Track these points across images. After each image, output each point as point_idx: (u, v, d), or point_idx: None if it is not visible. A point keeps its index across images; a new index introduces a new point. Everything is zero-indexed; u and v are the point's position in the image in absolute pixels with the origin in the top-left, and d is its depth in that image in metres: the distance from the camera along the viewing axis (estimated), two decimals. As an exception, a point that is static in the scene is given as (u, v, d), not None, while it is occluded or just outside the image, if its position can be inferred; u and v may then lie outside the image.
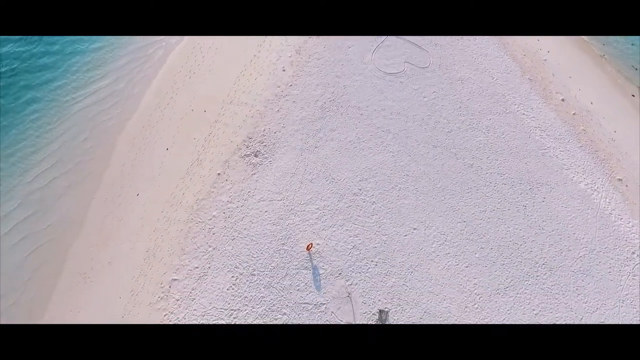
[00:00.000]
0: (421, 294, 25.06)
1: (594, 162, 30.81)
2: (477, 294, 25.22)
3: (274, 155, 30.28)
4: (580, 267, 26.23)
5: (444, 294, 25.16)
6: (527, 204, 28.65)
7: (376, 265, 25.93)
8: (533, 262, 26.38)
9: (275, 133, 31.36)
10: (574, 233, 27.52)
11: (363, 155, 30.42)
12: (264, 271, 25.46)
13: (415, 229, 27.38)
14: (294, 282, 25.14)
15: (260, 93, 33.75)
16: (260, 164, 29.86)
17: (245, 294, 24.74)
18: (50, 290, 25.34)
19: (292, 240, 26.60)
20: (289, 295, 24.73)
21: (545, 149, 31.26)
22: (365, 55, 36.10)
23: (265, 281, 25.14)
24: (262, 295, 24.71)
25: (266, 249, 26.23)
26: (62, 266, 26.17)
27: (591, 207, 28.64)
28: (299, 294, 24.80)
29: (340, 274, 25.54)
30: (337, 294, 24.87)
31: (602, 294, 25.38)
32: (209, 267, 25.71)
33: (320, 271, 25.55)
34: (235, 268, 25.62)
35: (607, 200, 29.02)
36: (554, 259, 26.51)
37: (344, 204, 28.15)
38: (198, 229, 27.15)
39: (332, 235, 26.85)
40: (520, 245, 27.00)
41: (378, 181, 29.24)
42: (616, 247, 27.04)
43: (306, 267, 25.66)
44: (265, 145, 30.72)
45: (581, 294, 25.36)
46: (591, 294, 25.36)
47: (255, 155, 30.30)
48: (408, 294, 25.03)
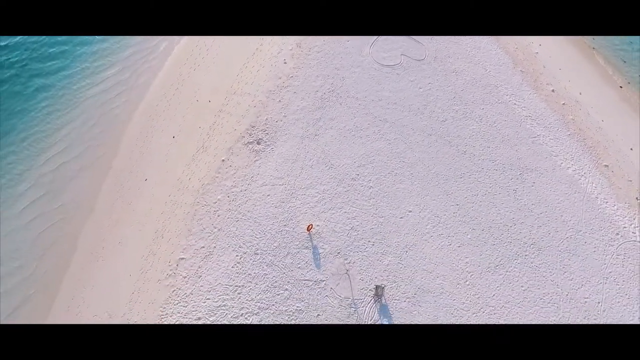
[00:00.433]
0: (415, 272, 26.45)
1: (581, 149, 32.21)
2: (469, 272, 26.61)
3: (275, 142, 31.66)
4: (566, 247, 27.63)
5: (437, 271, 26.55)
6: (517, 188, 30.05)
7: (373, 245, 27.32)
8: (522, 243, 27.77)
9: (276, 122, 32.75)
10: (562, 215, 28.91)
11: (361, 143, 31.80)
12: (266, 250, 26.84)
13: (410, 211, 28.77)
14: (295, 261, 26.53)
15: (262, 84, 35.14)
16: (263, 151, 31.25)
17: (249, 271, 26.13)
18: (65, 267, 26.73)
19: (294, 221, 27.99)
20: (290, 272, 26.12)
21: (535, 137, 32.66)
22: (363, 49, 37.48)
23: (267, 260, 26.53)
24: (265, 272, 26.09)
25: (269, 229, 27.62)
26: (75, 245, 27.57)
27: (578, 192, 30.04)
28: (299, 271, 26.19)
29: (339, 253, 26.93)
30: (336, 271, 26.28)
31: (587, 271, 26.77)
32: (215, 247, 27.09)
33: (320, 250, 26.93)
34: (240, 247, 27.01)
35: (594, 184, 30.41)
36: (542, 239, 27.90)
37: (342, 188, 29.54)
38: (204, 212, 28.53)
39: (332, 217, 28.24)
40: (510, 226, 28.39)
41: (375, 167, 30.62)
42: (601, 229, 28.43)
43: (307, 247, 27.04)
44: (267, 133, 32.11)
45: (567, 272, 26.75)
46: (577, 272, 26.75)
47: (258, 143, 31.67)
48: (403, 271, 26.42)
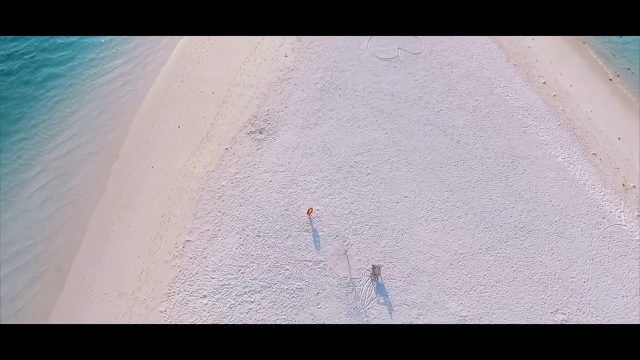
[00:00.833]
0: (411, 253, 27.75)
1: (571, 139, 33.49)
2: (461, 253, 27.90)
3: (277, 132, 32.96)
4: (555, 230, 28.92)
5: (432, 253, 27.85)
6: (509, 175, 31.34)
7: (370, 228, 28.62)
8: (512, 226, 29.06)
9: (278, 112, 34.04)
10: (551, 200, 30.20)
11: (359, 132, 33.10)
12: (268, 233, 28.16)
13: (406, 197, 30.07)
14: (296, 243, 27.83)
15: (264, 77, 36.45)
16: (265, 140, 32.55)
17: (252, 252, 27.44)
18: (75, 247, 28.11)
19: (294, 206, 29.30)
20: (291, 253, 27.43)
21: (526, 127, 33.95)
22: (361, 43, 38.76)
23: (270, 242, 27.84)
24: (267, 253, 27.40)
25: (270, 213, 28.93)
26: (85, 227, 28.93)
27: (567, 178, 31.33)
28: (300, 252, 27.49)
29: (337, 235, 28.23)
30: (335, 252, 27.58)
31: (574, 253, 28.06)
32: (219, 230, 28.40)
33: (320, 233, 28.24)
34: (243, 230, 28.32)
35: (582, 172, 31.70)
36: (532, 222, 29.20)
37: (341, 175, 30.84)
38: (208, 197, 29.84)
39: (331, 202, 29.54)
40: (502, 211, 29.68)
41: (372, 155, 31.91)
42: (588, 213, 29.72)
43: (307, 230, 28.34)
44: (269, 123, 33.40)
45: (555, 253, 28.04)
46: (564, 253, 28.04)
47: (260, 132, 32.98)
48: (399, 252, 27.73)
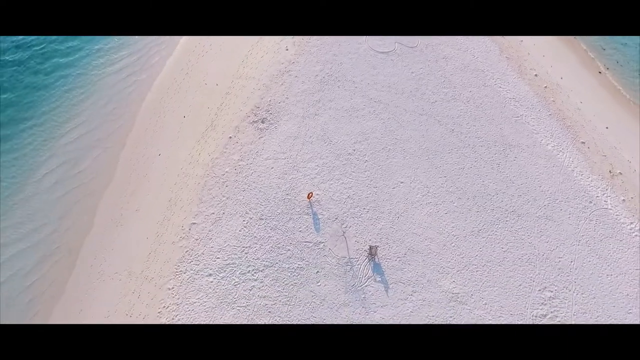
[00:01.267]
0: (406, 235, 29.13)
1: (560, 128, 34.90)
2: (454, 235, 29.29)
3: (278, 121, 34.34)
4: (544, 214, 30.31)
5: (426, 235, 29.23)
6: (500, 162, 32.73)
7: (367, 211, 30.00)
8: (503, 210, 30.46)
9: (279, 103, 35.43)
10: (540, 186, 31.59)
11: (357, 122, 34.49)
12: (270, 216, 29.53)
13: (402, 182, 31.46)
14: (297, 225, 29.21)
15: (266, 69, 37.84)
16: (267, 129, 33.94)
17: (255, 234, 28.82)
18: (86, 230, 29.48)
19: (295, 191, 30.68)
20: (292, 235, 28.81)
21: (518, 117, 35.36)
22: (359, 37, 40.13)
23: (272, 224, 29.22)
24: (270, 235, 28.78)
25: (272, 198, 30.31)
26: (95, 210, 30.33)
27: (556, 165, 32.72)
28: (301, 234, 28.87)
29: (336, 218, 29.61)
30: (334, 233, 28.96)
31: (562, 235, 29.45)
32: (223, 213, 29.78)
33: (319, 216, 29.62)
34: (246, 214, 29.70)
35: (571, 159, 33.10)
36: (522, 207, 30.59)
37: (340, 162, 32.22)
38: (213, 182, 31.22)
39: (330, 187, 30.93)
40: (493, 196, 31.07)
41: (370, 143, 33.30)
42: (576, 197, 31.12)
43: (307, 213, 29.73)
44: (271, 113, 34.79)
45: (544, 235, 29.43)
46: (552, 235, 29.43)
47: (262, 122, 34.36)
48: (395, 234, 29.11)
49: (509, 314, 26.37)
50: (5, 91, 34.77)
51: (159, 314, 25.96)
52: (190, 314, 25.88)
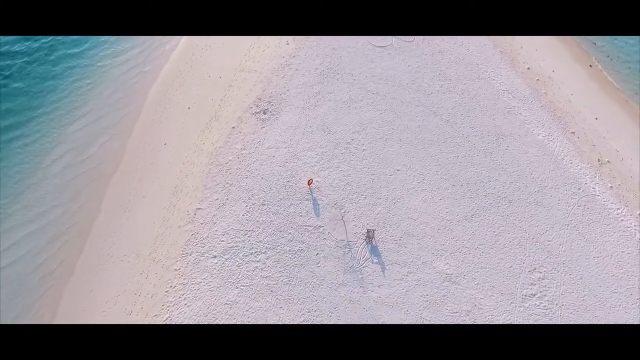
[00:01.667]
0: (402, 219, 30.42)
1: (551, 118, 36.20)
2: (448, 220, 30.57)
3: (280, 112, 35.62)
4: (534, 200, 31.60)
5: (421, 219, 30.52)
6: (493, 151, 34.02)
7: (365, 197, 31.29)
8: (495, 196, 31.74)
9: (280, 95, 36.71)
10: (531, 173, 32.88)
11: (355, 113, 35.77)
12: (272, 202, 30.81)
13: (398, 170, 32.74)
14: (297, 210, 30.49)
15: (267, 63, 39.13)
16: (268, 120, 35.22)
17: (257, 218, 30.10)
18: (94, 215, 30.77)
19: (296, 178, 31.96)
20: (293, 219, 30.09)
21: (510, 108, 36.65)
22: (358, 31, 41.43)
23: (273, 209, 30.49)
24: (271, 219, 30.06)
25: (274, 184, 31.58)
26: (103, 197, 31.61)
27: (547, 154, 34.01)
28: (301, 218, 30.15)
29: (335, 204, 30.90)
30: (333, 218, 30.25)
31: (551, 219, 30.74)
32: (227, 199, 31.05)
33: (319, 202, 30.90)
34: (249, 199, 30.97)
35: (561, 148, 34.40)
36: (513, 193, 31.88)
37: (338, 150, 33.50)
38: (217, 170, 32.50)
39: (329, 175, 32.21)
40: (486, 183, 32.36)
41: (368, 133, 34.59)
42: (565, 184, 32.41)
43: (307, 199, 31.01)
44: (272, 104, 36.07)
45: (534, 220, 30.72)
46: (542, 220, 30.72)
47: (264, 113, 35.64)
48: (391, 219, 30.39)
49: (499, 294, 27.67)
50: (15, 81, 36.20)
51: (166, 292, 27.24)
52: (196, 293, 27.16)
